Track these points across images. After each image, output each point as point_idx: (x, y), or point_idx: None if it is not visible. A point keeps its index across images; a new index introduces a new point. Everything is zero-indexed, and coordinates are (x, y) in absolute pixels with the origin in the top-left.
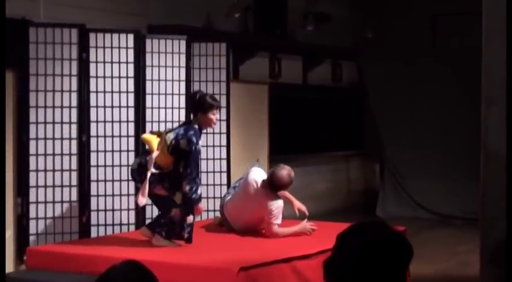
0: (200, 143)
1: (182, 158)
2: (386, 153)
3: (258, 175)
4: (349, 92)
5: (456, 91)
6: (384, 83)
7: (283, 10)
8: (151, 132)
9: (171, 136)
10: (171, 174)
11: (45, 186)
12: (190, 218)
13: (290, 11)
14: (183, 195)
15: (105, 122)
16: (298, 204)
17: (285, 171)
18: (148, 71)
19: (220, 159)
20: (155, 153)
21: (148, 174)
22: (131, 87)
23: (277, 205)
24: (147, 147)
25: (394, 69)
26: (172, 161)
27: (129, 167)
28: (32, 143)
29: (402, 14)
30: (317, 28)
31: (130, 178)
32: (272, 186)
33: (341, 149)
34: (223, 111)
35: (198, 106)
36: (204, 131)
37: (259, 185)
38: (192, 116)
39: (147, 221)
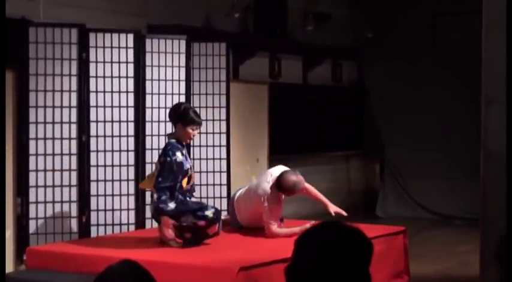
0: (179, 155)
1: (165, 172)
2: (387, 153)
3: (276, 171)
4: (349, 92)
5: (456, 91)
6: (384, 83)
7: (283, 10)
8: (145, 177)
9: (156, 163)
10: None
11: (45, 186)
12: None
13: (290, 11)
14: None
15: (104, 121)
16: (333, 208)
17: (293, 177)
18: (148, 70)
19: (220, 159)
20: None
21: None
22: (131, 87)
23: (274, 207)
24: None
25: (394, 69)
26: None
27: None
28: (32, 143)
29: (402, 14)
30: (317, 28)
31: (130, 178)
32: (277, 185)
33: (341, 149)
34: (223, 111)
35: (180, 117)
36: (204, 131)
37: (271, 180)
38: (172, 127)
39: (147, 221)
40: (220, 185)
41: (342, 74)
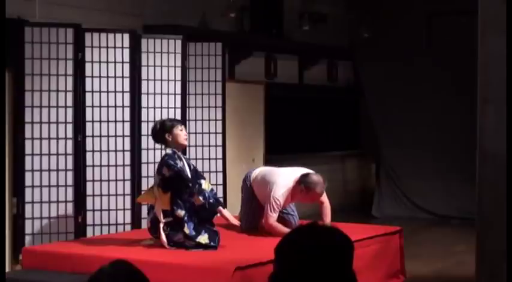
0: (179, 162)
1: (176, 183)
2: (383, 153)
3: (300, 171)
4: (345, 92)
5: (452, 91)
6: (380, 83)
7: (279, 10)
8: (143, 192)
9: (155, 176)
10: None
11: (41, 186)
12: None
13: (286, 11)
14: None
15: (100, 121)
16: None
17: (320, 180)
18: (144, 70)
19: (216, 159)
20: (158, 204)
21: (161, 226)
22: (127, 87)
23: (278, 200)
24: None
25: (390, 69)
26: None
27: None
28: (28, 143)
29: (398, 14)
30: (313, 28)
31: (126, 178)
32: (300, 180)
33: (337, 149)
34: (219, 110)
35: (161, 131)
36: (200, 131)
37: (296, 176)
38: (164, 146)
39: (143, 221)
40: (216, 184)
41: (338, 74)
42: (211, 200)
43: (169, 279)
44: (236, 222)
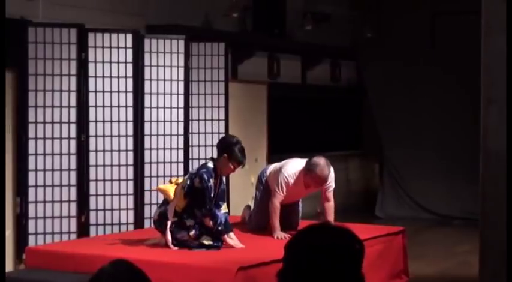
0: (212, 181)
1: (197, 197)
2: (386, 154)
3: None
4: (348, 92)
5: (456, 91)
6: (383, 83)
7: (281, 9)
8: (170, 182)
9: (187, 179)
10: (187, 218)
11: (44, 186)
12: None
13: (289, 11)
14: (211, 234)
15: (104, 121)
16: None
17: (321, 162)
18: (147, 70)
19: None
20: (173, 202)
21: (169, 224)
22: (130, 87)
23: (287, 178)
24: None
25: (393, 69)
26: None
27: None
28: (31, 143)
29: (402, 14)
30: (316, 27)
31: (128, 178)
32: (306, 162)
33: (340, 149)
34: (222, 110)
35: (228, 150)
36: (203, 130)
37: (302, 167)
38: (216, 154)
39: (146, 221)
40: None
41: (341, 74)
42: (220, 228)
43: (173, 279)
44: (240, 246)
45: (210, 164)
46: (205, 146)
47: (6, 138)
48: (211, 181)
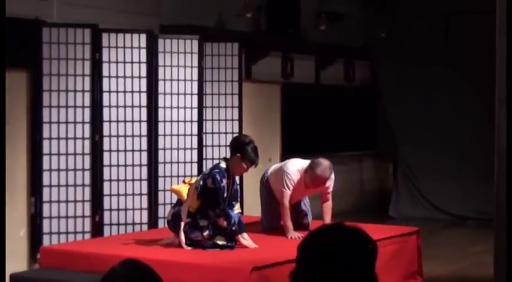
0: (224, 181)
1: (210, 198)
2: (400, 154)
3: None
4: (362, 92)
5: (470, 91)
6: (397, 83)
7: (295, 9)
8: (183, 182)
9: (200, 179)
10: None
11: (59, 186)
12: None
13: (302, 11)
14: (225, 235)
15: (117, 121)
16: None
17: (323, 163)
18: (160, 70)
19: None
20: (187, 203)
21: (182, 224)
22: (144, 87)
23: (291, 175)
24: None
25: (407, 68)
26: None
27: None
28: (46, 143)
29: (415, 13)
30: (329, 27)
31: (142, 178)
32: (309, 166)
33: (354, 149)
34: (236, 111)
35: (241, 149)
36: (216, 130)
37: (303, 166)
38: (230, 154)
39: (160, 221)
40: None
41: (355, 74)
42: (233, 228)
43: (187, 279)
44: (254, 246)
45: (223, 164)
46: (219, 146)
47: (20, 138)
48: (224, 181)
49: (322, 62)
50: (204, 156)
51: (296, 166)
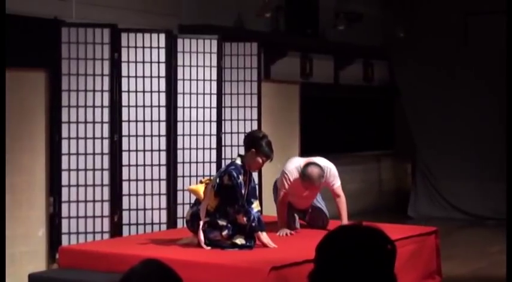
0: (241, 178)
1: (228, 195)
2: (418, 153)
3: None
4: (381, 92)
5: (488, 91)
6: (416, 83)
7: (314, 9)
8: (200, 182)
9: (216, 177)
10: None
11: (77, 186)
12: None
13: (321, 10)
14: (244, 233)
15: (136, 121)
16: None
17: (315, 170)
18: (179, 70)
19: None
20: (204, 202)
21: (201, 223)
22: (163, 87)
23: (287, 174)
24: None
25: (426, 69)
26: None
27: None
28: (64, 143)
29: (434, 13)
30: (348, 27)
31: (161, 177)
32: (301, 170)
33: (372, 149)
34: (255, 110)
35: (255, 144)
36: (235, 130)
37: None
38: (244, 150)
39: (179, 221)
40: None
41: (374, 74)
42: (253, 224)
43: (205, 279)
44: (273, 246)
45: (238, 161)
46: (238, 145)
47: (39, 138)
48: (241, 177)
49: (341, 62)
50: (222, 156)
51: (295, 164)
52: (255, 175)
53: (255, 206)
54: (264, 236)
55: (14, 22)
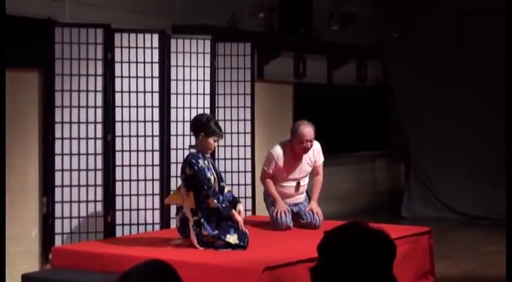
0: (201, 162)
1: (195, 183)
2: (412, 154)
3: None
4: (375, 92)
5: (483, 91)
6: (410, 83)
7: (308, 9)
8: (172, 192)
9: (181, 175)
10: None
11: (71, 186)
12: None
13: (315, 11)
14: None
15: (130, 121)
16: (313, 208)
17: (306, 125)
18: (173, 70)
19: (245, 159)
20: (185, 203)
21: (191, 225)
22: (156, 87)
23: (271, 154)
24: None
25: (420, 69)
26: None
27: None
28: (58, 143)
29: (428, 13)
30: (342, 27)
31: (154, 178)
32: (290, 133)
33: (366, 149)
34: (248, 111)
35: (202, 128)
36: (229, 131)
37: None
38: (194, 138)
39: (172, 221)
40: (245, 184)
41: (367, 74)
42: (223, 205)
43: (199, 279)
44: (243, 229)
45: (193, 150)
46: (231, 146)
47: (32, 139)
48: (201, 162)
49: (334, 62)
50: (216, 157)
51: (279, 143)
52: (248, 176)
53: (227, 190)
54: (237, 215)
55: (7, 22)
